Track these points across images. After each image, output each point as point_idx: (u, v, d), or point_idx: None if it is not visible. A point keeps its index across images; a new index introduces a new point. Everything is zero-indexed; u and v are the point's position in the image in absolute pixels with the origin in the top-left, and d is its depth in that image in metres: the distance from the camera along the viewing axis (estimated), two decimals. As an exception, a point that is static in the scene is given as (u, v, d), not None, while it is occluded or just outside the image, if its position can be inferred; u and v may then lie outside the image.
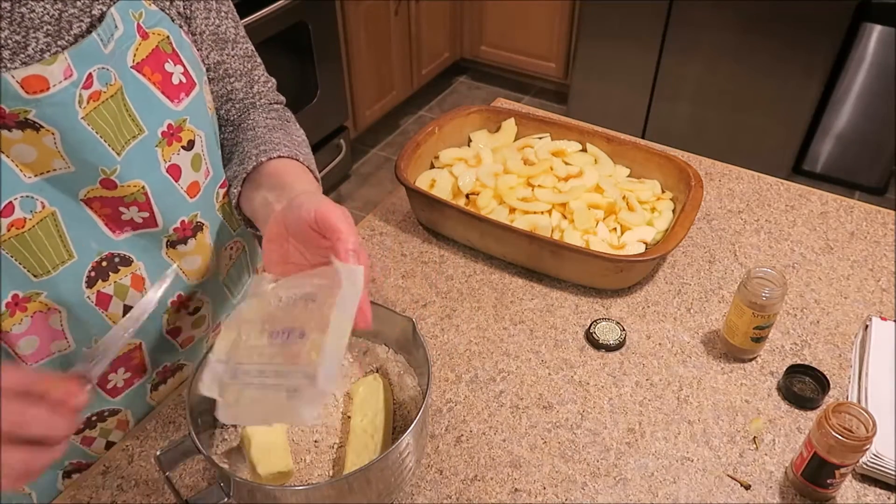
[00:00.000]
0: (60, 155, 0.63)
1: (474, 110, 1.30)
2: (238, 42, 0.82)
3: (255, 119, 0.85)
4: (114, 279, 0.72)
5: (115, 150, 0.66)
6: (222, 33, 0.79)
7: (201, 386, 0.58)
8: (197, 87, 0.73)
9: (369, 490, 0.69)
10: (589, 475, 0.82)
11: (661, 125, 2.92)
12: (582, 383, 0.93)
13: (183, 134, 0.72)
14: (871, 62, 2.50)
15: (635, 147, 1.22)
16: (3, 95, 0.57)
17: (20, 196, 0.62)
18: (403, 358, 0.84)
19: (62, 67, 0.60)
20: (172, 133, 0.71)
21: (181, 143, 0.72)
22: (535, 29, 3.16)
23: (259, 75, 0.87)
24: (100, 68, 0.63)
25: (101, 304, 0.72)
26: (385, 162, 3.04)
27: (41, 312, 0.68)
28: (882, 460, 0.79)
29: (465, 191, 1.17)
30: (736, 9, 2.50)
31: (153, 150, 0.70)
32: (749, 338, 0.92)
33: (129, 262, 0.73)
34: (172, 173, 0.72)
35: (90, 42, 0.62)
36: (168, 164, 0.71)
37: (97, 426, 0.82)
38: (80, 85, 0.61)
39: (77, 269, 0.69)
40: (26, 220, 0.63)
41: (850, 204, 1.23)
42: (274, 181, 0.76)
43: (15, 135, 0.60)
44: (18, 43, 0.58)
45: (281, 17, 2.18)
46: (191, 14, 0.74)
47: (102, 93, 0.63)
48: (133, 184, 0.68)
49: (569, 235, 1.09)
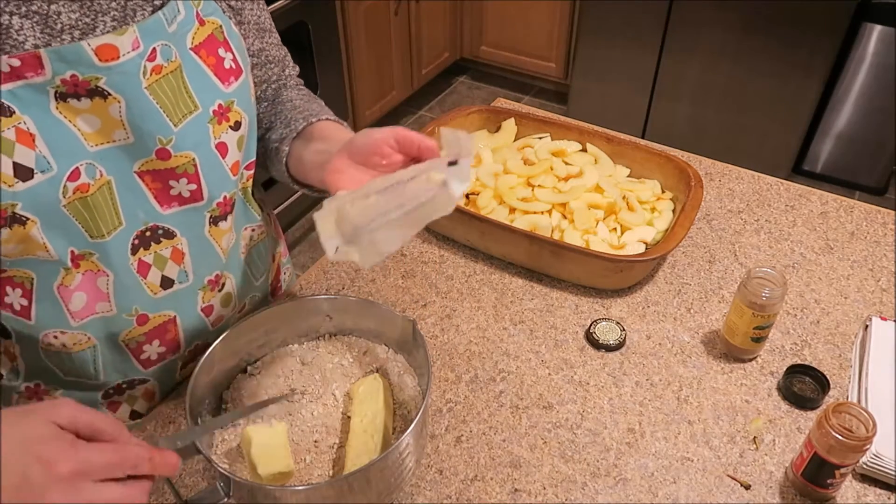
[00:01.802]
0: (123, 124, 0.67)
1: (474, 110, 1.30)
2: (273, 32, 0.90)
3: (290, 95, 0.92)
4: (155, 249, 0.76)
5: (173, 122, 0.70)
6: (262, 23, 0.86)
7: (336, 256, 0.64)
8: (244, 73, 0.78)
9: (369, 490, 0.69)
10: (589, 475, 0.82)
11: (661, 125, 2.92)
12: (582, 383, 0.93)
13: (231, 115, 0.77)
14: (871, 62, 2.50)
15: (635, 147, 1.22)
16: (79, 62, 0.62)
17: (84, 163, 0.67)
18: (403, 358, 0.84)
19: (131, 39, 0.65)
20: (222, 112, 0.76)
21: (229, 122, 0.77)
22: (535, 29, 3.16)
23: (289, 61, 0.95)
24: (163, 44, 0.68)
25: (141, 271, 0.76)
26: (385, 162, 3.04)
27: (91, 272, 0.73)
28: (882, 460, 0.79)
29: (465, 191, 1.17)
30: (736, 9, 2.50)
31: (205, 126, 0.74)
32: (749, 338, 0.92)
33: (172, 235, 0.77)
34: (220, 150, 0.77)
35: (156, 19, 0.67)
36: (217, 141, 0.76)
37: (125, 392, 0.85)
38: (146, 57, 0.66)
39: (124, 236, 0.73)
40: (89, 186, 0.68)
41: (850, 204, 1.23)
42: (326, 135, 0.82)
43: (84, 104, 0.64)
44: (87, 24, 0.64)
45: (281, 17, 2.18)
46: (241, 6, 0.81)
47: (164, 67, 0.68)
48: (185, 154, 0.73)
49: (569, 235, 1.09)
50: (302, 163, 0.82)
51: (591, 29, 2.86)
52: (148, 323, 0.79)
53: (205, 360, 0.75)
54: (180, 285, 0.80)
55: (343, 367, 0.84)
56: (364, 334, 0.87)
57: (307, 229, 2.67)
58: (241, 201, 0.85)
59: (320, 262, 1.13)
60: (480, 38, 3.35)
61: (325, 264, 1.12)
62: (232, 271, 0.88)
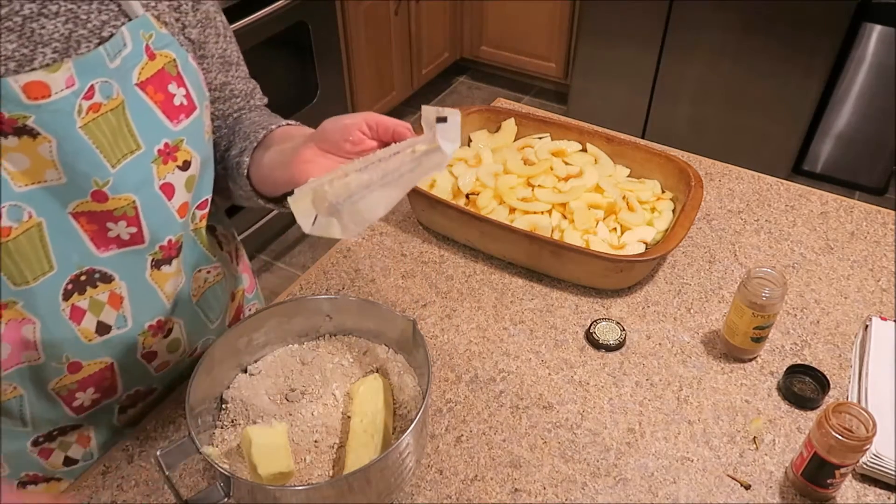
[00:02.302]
0: (54, 165, 0.63)
1: (474, 110, 1.30)
2: (241, 65, 0.86)
3: (250, 116, 0.88)
4: (91, 294, 0.71)
5: (110, 163, 0.66)
6: (228, 57, 0.83)
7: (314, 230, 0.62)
8: (197, 110, 0.74)
9: (369, 490, 0.69)
10: (589, 475, 0.82)
11: (661, 125, 2.92)
12: (582, 383, 0.93)
13: (179, 154, 0.73)
14: (871, 62, 2.50)
15: (635, 147, 1.22)
16: (4, 100, 0.58)
17: (8, 205, 0.63)
18: (403, 358, 0.84)
19: (65, 76, 0.61)
20: (169, 152, 0.72)
21: (177, 162, 0.73)
22: (535, 29, 3.16)
23: (257, 93, 0.91)
24: (102, 81, 0.64)
25: (74, 317, 0.71)
26: (385, 162, 3.04)
27: (15, 321, 0.68)
28: (882, 460, 0.79)
29: (465, 191, 1.17)
30: (736, 9, 2.50)
31: (148, 167, 0.70)
32: (749, 338, 0.92)
33: (109, 279, 0.72)
34: (165, 191, 0.73)
35: (96, 55, 0.63)
36: (162, 182, 0.72)
37: (57, 439, 0.80)
38: (81, 95, 0.62)
39: (55, 282, 0.68)
40: (11, 229, 0.63)
41: (850, 204, 1.23)
42: (288, 136, 0.78)
43: (10, 142, 0.60)
44: (25, 56, 0.60)
45: (281, 17, 2.18)
46: (204, 40, 0.77)
47: (103, 105, 0.65)
48: (124, 197, 0.69)
49: (569, 235, 1.09)
50: (263, 167, 0.76)
51: (591, 29, 2.86)
52: (81, 371, 0.74)
53: (205, 360, 0.75)
54: (118, 331, 0.75)
55: (343, 367, 0.84)
56: (364, 334, 0.87)
57: (307, 229, 2.67)
58: (193, 242, 0.81)
59: (320, 262, 1.13)
60: (480, 38, 3.35)
61: (325, 264, 1.12)
62: (180, 316, 0.83)
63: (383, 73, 2.88)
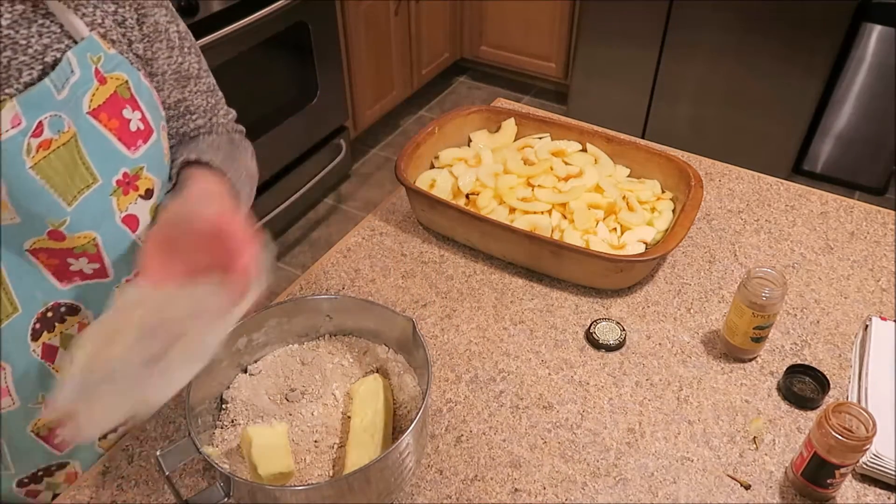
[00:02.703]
0: (6, 205, 0.60)
1: (474, 110, 1.30)
2: (202, 78, 0.79)
3: (208, 138, 0.81)
4: (60, 329, 0.69)
5: (66, 201, 0.63)
6: (185, 71, 0.77)
7: (51, 411, 0.56)
8: (155, 133, 0.70)
9: (369, 490, 0.69)
10: (589, 475, 0.82)
11: (661, 125, 2.92)
12: (582, 383, 0.93)
13: (140, 182, 0.69)
14: (871, 62, 2.49)
15: (635, 147, 1.22)
16: None
17: None
18: (403, 358, 0.84)
19: (10, 115, 0.57)
20: (129, 182, 0.67)
21: (139, 191, 0.69)
22: (535, 29, 3.16)
23: (221, 108, 0.84)
24: (52, 115, 0.60)
25: (47, 356, 0.69)
26: (385, 162, 3.04)
27: None
28: (882, 460, 0.79)
29: (465, 191, 1.17)
30: (736, 9, 2.50)
31: (108, 200, 0.66)
32: (749, 338, 0.92)
33: (76, 310, 0.69)
34: (128, 223, 0.69)
35: (42, 88, 0.59)
36: (124, 214, 0.68)
37: (43, 480, 0.78)
38: (30, 133, 0.59)
39: (21, 323, 0.66)
40: None
41: (850, 204, 1.23)
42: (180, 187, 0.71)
43: None
44: None
45: (281, 17, 2.18)
46: (153, 55, 0.71)
47: (54, 141, 0.61)
48: (84, 235, 0.65)
49: (569, 235, 1.09)
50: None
51: (591, 29, 2.86)
52: None
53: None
54: None
55: (343, 367, 0.84)
56: (364, 334, 0.87)
57: (307, 229, 2.67)
58: None
59: (320, 262, 1.13)
60: (480, 38, 3.35)
61: (325, 264, 1.12)
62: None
63: (383, 73, 2.88)
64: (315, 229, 2.68)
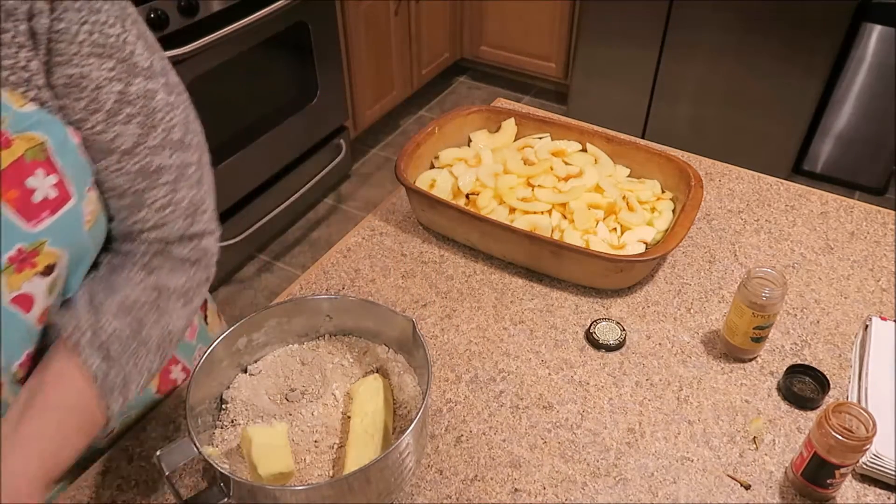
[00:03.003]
0: None
1: (474, 110, 1.30)
2: (137, 154, 0.64)
3: (119, 281, 0.67)
4: None
5: None
6: (105, 143, 0.62)
7: None
8: (73, 200, 0.59)
9: (369, 490, 0.69)
10: (589, 475, 0.82)
11: (661, 125, 2.92)
12: (582, 383, 0.93)
13: (39, 258, 0.58)
14: (871, 62, 2.49)
15: (635, 147, 1.22)
16: None
17: None
18: (403, 358, 0.84)
19: None
20: (24, 258, 0.58)
21: (36, 268, 0.59)
22: (535, 29, 3.16)
23: (153, 197, 0.66)
24: None
25: None
26: (385, 162, 3.04)
27: None
28: (882, 460, 0.79)
29: (465, 191, 1.17)
30: (736, 9, 2.50)
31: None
32: (749, 338, 0.92)
33: None
34: (21, 304, 0.59)
35: None
36: (15, 294, 0.58)
37: None
38: None
39: None
40: None
41: (850, 204, 1.23)
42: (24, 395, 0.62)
43: None
44: None
45: (281, 17, 2.18)
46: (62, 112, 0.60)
47: None
48: None
49: (569, 235, 1.09)
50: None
51: (591, 29, 2.86)
52: None
53: (205, 360, 0.75)
54: None
55: (343, 367, 0.84)
56: (364, 334, 0.87)
57: (307, 229, 2.67)
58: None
59: (320, 262, 1.13)
60: (480, 38, 3.35)
61: (325, 264, 1.12)
62: None
63: (383, 73, 2.88)
64: (315, 229, 2.68)
